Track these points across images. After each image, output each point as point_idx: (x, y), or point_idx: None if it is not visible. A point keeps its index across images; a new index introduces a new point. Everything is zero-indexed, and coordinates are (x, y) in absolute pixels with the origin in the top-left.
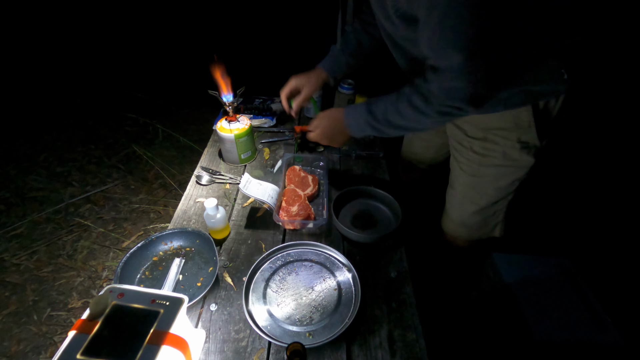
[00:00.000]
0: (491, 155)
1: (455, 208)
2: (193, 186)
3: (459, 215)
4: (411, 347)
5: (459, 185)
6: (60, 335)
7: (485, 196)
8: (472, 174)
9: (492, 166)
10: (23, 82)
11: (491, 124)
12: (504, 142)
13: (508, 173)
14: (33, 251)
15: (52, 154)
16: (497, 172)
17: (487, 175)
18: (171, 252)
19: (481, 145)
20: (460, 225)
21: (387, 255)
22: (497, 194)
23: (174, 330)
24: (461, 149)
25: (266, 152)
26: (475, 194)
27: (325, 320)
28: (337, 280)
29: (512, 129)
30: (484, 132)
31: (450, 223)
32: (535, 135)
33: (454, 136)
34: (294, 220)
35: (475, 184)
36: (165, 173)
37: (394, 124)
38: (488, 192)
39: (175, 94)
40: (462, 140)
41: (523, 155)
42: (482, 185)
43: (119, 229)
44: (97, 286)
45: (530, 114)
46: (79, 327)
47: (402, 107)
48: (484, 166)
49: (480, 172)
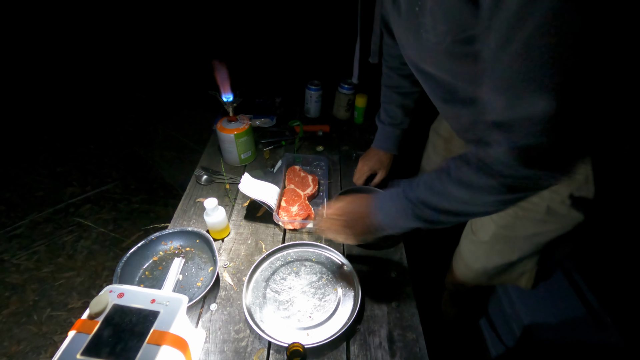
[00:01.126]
0: (532, 209)
1: (477, 258)
2: (193, 186)
3: (482, 266)
4: (411, 347)
5: (485, 235)
6: (60, 335)
7: (518, 251)
8: (505, 227)
9: (531, 221)
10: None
11: None
12: (550, 196)
13: (550, 230)
14: (33, 251)
15: (52, 154)
16: (536, 228)
17: (524, 230)
18: (171, 252)
19: None
20: (481, 274)
21: (387, 255)
22: (533, 249)
23: (173, 330)
24: None
25: (266, 152)
26: (506, 248)
27: (325, 320)
28: (337, 280)
29: (564, 183)
30: None
31: (467, 270)
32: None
33: None
34: (294, 220)
35: (507, 238)
36: (165, 173)
37: (441, 208)
38: (523, 247)
39: (175, 94)
40: None
41: (572, 212)
42: (515, 241)
43: (119, 229)
44: (97, 286)
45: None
46: (79, 327)
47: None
48: (522, 220)
49: (515, 226)
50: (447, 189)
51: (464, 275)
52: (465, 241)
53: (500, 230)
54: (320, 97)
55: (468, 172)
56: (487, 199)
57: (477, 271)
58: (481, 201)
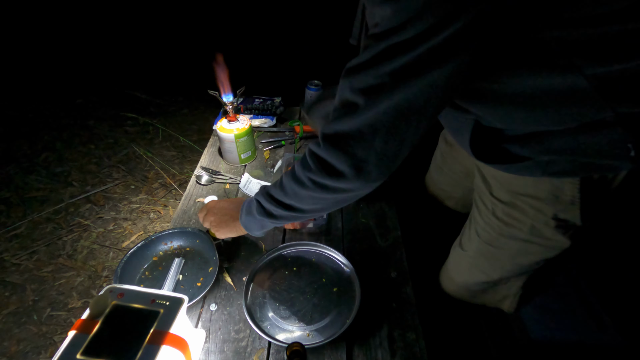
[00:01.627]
0: (516, 226)
1: (460, 272)
2: (193, 186)
3: (464, 280)
4: (411, 347)
5: (470, 249)
6: (60, 335)
7: (500, 270)
8: (489, 242)
9: (515, 239)
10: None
11: (522, 188)
12: (534, 214)
13: (534, 251)
14: (33, 251)
15: (52, 154)
16: (520, 248)
17: (507, 248)
18: (171, 252)
19: (505, 211)
20: (463, 288)
21: (387, 255)
22: (516, 270)
23: (174, 330)
24: (482, 208)
25: (266, 152)
26: (488, 266)
27: (325, 320)
28: (337, 280)
29: (549, 202)
30: (512, 195)
31: (450, 283)
32: (579, 214)
33: (478, 190)
34: None
35: (490, 254)
36: (165, 173)
37: (280, 201)
38: (505, 266)
39: (175, 94)
40: (485, 198)
41: (557, 235)
42: (498, 258)
43: (119, 229)
44: (97, 286)
45: (576, 189)
46: (79, 327)
47: (285, 180)
48: (505, 237)
49: (498, 243)
50: (284, 182)
51: (447, 288)
52: (453, 253)
53: (483, 245)
54: None
55: (296, 166)
56: (302, 193)
57: (459, 285)
58: (303, 195)
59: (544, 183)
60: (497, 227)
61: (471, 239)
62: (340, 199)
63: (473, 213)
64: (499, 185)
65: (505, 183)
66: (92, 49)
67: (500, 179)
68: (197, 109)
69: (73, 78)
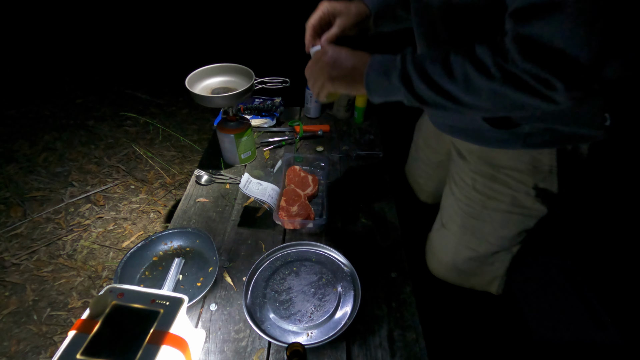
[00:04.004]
0: (498, 198)
1: (447, 251)
2: (193, 186)
3: (451, 259)
4: (411, 347)
5: (454, 226)
6: (60, 335)
7: (485, 243)
8: (473, 216)
9: (497, 211)
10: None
11: (503, 161)
12: (516, 185)
13: (515, 222)
14: (33, 251)
15: (52, 154)
16: (503, 219)
17: (490, 220)
18: (171, 252)
19: (487, 185)
20: (451, 269)
21: (387, 255)
22: (500, 244)
23: (173, 330)
24: (463, 185)
25: (266, 152)
26: (474, 239)
27: (325, 320)
28: (337, 280)
29: (529, 173)
30: (493, 169)
31: (438, 265)
32: (556, 183)
33: (456, 168)
34: (294, 220)
35: (474, 228)
36: (165, 173)
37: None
38: (489, 239)
39: (176, 94)
40: (465, 175)
41: (536, 204)
42: (482, 231)
43: (119, 229)
44: (97, 286)
45: (553, 158)
46: (79, 327)
47: (456, 62)
48: (488, 209)
49: (482, 216)
50: (452, 61)
51: (435, 270)
52: (437, 235)
53: (468, 219)
54: None
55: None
56: (482, 84)
57: (448, 265)
58: (477, 85)
59: (523, 155)
60: (480, 200)
61: (454, 217)
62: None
63: (452, 192)
64: (477, 160)
65: (484, 157)
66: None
67: (479, 154)
68: (197, 109)
69: (73, 78)
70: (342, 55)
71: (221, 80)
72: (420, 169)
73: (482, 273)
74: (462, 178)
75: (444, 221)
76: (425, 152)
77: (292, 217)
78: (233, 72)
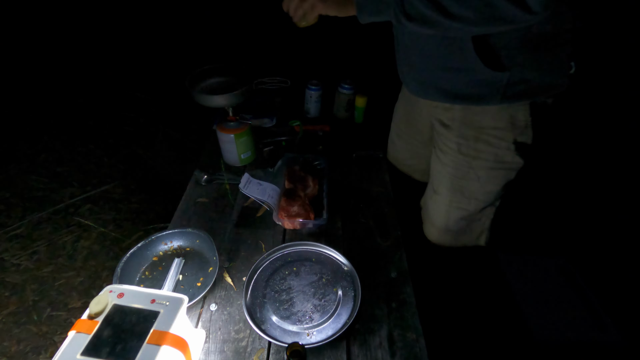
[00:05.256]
0: (482, 157)
1: (439, 214)
2: (193, 186)
3: (444, 221)
4: (411, 347)
5: (444, 189)
6: (60, 335)
7: (474, 201)
8: (461, 177)
9: (482, 169)
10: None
11: (485, 122)
12: (498, 142)
13: (499, 176)
14: (33, 251)
15: (52, 154)
16: (488, 175)
17: (477, 178)
18: (171, 252)
19: (472, 147)
20: (445, 231)
21: (387, 255)
22: (486, 199)
23: (173, 330)
24: (448, 150)
25: (266, 152)
26: (463, 199)
27: (325, 320)
28: (337, 280)
29: (508, 129)
30: (477, 131)
31: (433, 229)
32: (531, 136)
33: (440, 137)
34: (294, 220)
35: (463, 188)
36: (165, 173)
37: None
38: (477, 196)
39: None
40: (449, 142)
41: (516, 157)
42: (471, 190)
43: (119, 229)
44: (97, 286)
45: (527, 113)
46: (79, 327)
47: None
48: (474, 169)
49: (469, 176)
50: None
51: (431, 234)
52: (430, 201)
53: (456, 181)
54: (320, 97)
55: None
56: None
57: (441, 228)
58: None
59: (501, 113)
60: (466, 162)
61: (443, 181)
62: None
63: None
64: (460, 125)
65: (467, 122)
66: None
67: (462, 120)
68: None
69: (73, 78)
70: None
71: (221, 81)
72: (408, 152)
73: (472, 230)
74: (447, 144)
75: (434, 187)
76: (409, 133)
77: (292, 217)
78: (233, 72)
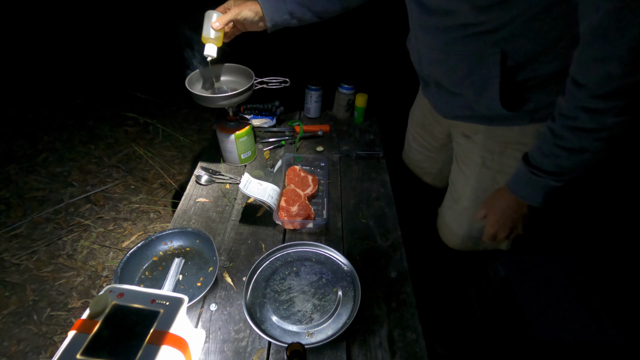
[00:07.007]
0: (507, 171)
1: (461, 224)
2: (193, 186)
3: (467, 230)
4: (411, 347)
5: (466, 201)
6: (60, 335)
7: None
8: (484, 189)
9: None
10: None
11: (510, 137)
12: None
13: None
14: (33, 251)
15: (52, 154)
16: None
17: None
18: (171, 252)
19: (496, 160)
20: (467, 239)
21: (387, 255)
22: None
23: (173, 330)
24: (471, 163)
25: (266, 152)
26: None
27: (325, 320)
28: (337, 280)
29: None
30: (502, 145)
31: (452, 237)
32: None
33: (461, 148)
34: (294, 220)
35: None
36: (165, 173)
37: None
38: None
39: (176, 94)
40: (472, 155)
41: None
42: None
43: (119, 229)
44: (97, 286)
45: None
46: (79, 327)
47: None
48: (499, 182)
49: (492, 187)
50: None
51: (452, 242)
52: (449, 211)
53: (480, 193)
54: (320, 97)
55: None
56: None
57: (463, 237)
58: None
59: (528, 128)
60: (490, 175)
61: (465, 193)
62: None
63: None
64: (484, 139)
65: (493, 136)
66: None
67: (485, 134)
68: (197, 109)
69: (73, 78)
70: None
71: (221, 80)
72: (422, 155)
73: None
74: (470, 157)
75: (455, 197)
76: (425, 138)
77: (292, 217)
78: (233, 72)
